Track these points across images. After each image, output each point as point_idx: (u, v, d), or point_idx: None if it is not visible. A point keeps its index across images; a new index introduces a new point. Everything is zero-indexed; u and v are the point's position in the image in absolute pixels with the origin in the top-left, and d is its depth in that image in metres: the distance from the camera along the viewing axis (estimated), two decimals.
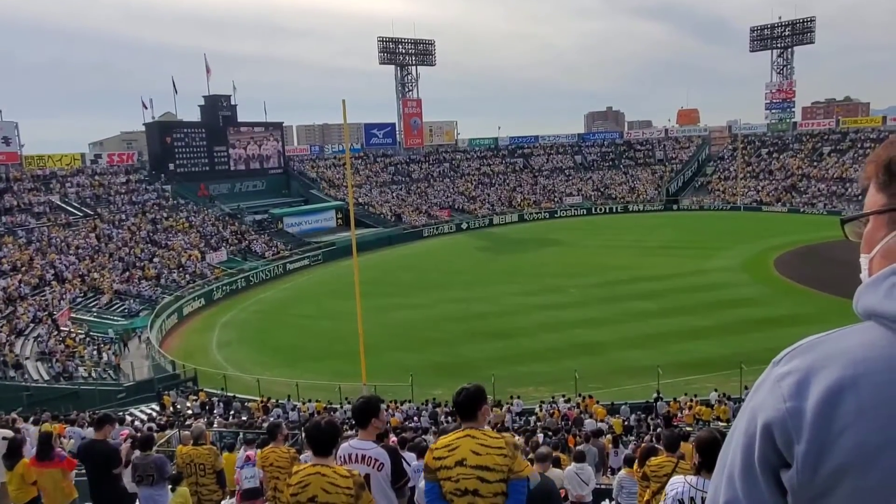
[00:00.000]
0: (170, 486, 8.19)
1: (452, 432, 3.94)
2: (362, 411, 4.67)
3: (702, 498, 4.48)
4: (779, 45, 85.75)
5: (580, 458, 9.68)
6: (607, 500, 9.82)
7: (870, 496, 0.93)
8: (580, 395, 24.01)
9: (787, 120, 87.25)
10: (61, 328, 34.58)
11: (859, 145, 78.72)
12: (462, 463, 3.70)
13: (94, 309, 39.96)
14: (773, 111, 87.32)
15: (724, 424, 20.26)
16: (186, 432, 10.91)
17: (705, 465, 4.55)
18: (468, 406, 3.90)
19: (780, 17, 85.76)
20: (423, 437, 12.90)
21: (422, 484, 4.90)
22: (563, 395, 23.91)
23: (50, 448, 7.72)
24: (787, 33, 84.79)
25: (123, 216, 52.79)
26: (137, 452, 8.05)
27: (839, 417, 0.96)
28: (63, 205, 52.02)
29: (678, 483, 4.66)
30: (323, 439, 4.31)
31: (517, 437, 10.10)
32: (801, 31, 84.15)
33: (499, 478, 3.66)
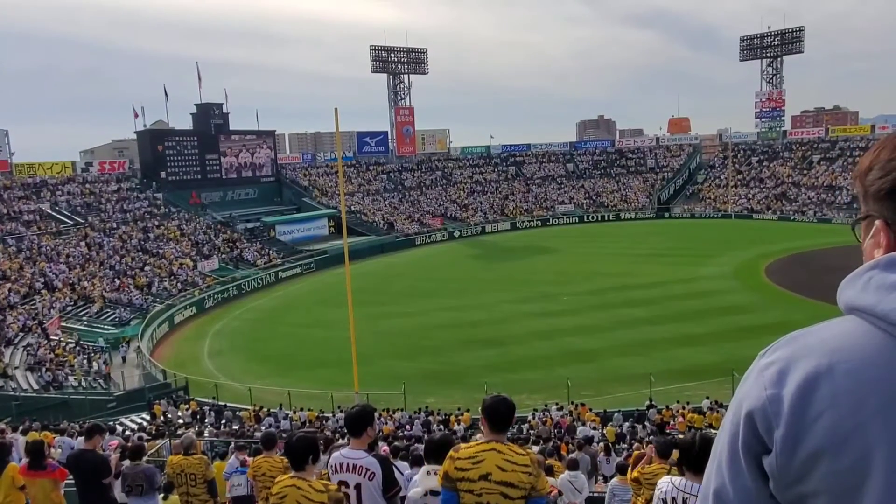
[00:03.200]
0: (161, 495, 8.12)
1: (475, 442, 3.87)
2: (357, 420, 4.65)
3: (683, 499, 4.49)
4: (768, 54, 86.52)
5: (573, 465, 9.67)
6: None
7: (843, 479, 0.98)
8: (573, 403, 23.99)
9: (777, 128, 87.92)
10: (51, 337, 34.33)
11: (848, 154, 79.33)
12: (487, 477, 3.64)
13: (84, 318, 39.71)
14: (764, 120, 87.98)
15: (717, 432, 20.30)
16: (177, 441, 10.84)
17: (685, 465, 4.59)
18: (506, 417, 3.81)
19: (769, 27, 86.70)
20: (416, 445, 12.86)
21: (415, 492, 4.89)
22: (556, 403, 23.88)
23: (43, 457, 7.65)
24: (776, 42, 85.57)
25: (114, 224, 52.56)
26: (127, 462, 7.98)
27: (815, 403, 1.01)
28: (53, 213, 51.75)
29: (664, 483, 4.70)
30: (296, 454, 4.35)
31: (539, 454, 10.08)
32: (790, 41, 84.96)
33: (521, 495, 3.62)
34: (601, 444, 16.72)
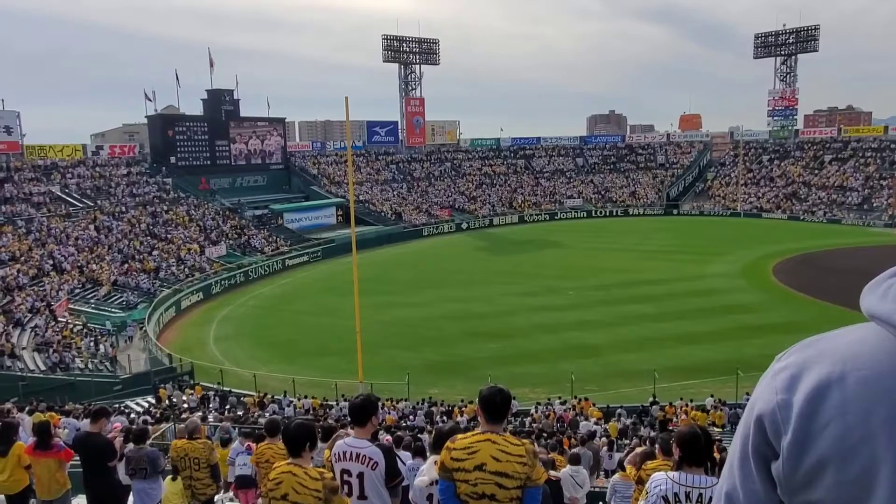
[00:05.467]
0: (170, 477, 8.19)
1: (472, 433, 3.89)
2: (361, 409, 4.66)
3: (686, 493, 4.34)
4: (782, 52, 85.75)
5: (575, 460, 9.69)
6: (600, 503, 9.81)
7: (847, 489, 0.96)
8: (576, 398, 24.01)
9: (789, 127, 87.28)
10: (59, 319, 34.56)
11: (860, 154, 78.75)
12: (481, 468, 3.67)
13: (92, 300, 39.94)
14: (776, 118, 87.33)
15: (719, 430, 20.27)
16: (182, 425, 10.92)
17: (686, 459, 4.42)
18: (501, 409, 3.84)
19: (784, 25, 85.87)
20: (419, 436, 12.91)
21: (420, 480, 4.91)
22: (559, 397, 23.91)
23: (49, 437, 7.73)
24: (790, 41, 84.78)
25: (123, 208, 52.74)
26: (131, 445, 8.05)
27: (824, 411, 0.99)
28: (63, 195, 51.96)
29: (660, 480, 4.49)
30: (293, 441, 4.36)
31: (535, 445, 10.08)
32: (804, 39, 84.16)
33: (516, 485, 3.65)
34: (604, 439, 16.76)
